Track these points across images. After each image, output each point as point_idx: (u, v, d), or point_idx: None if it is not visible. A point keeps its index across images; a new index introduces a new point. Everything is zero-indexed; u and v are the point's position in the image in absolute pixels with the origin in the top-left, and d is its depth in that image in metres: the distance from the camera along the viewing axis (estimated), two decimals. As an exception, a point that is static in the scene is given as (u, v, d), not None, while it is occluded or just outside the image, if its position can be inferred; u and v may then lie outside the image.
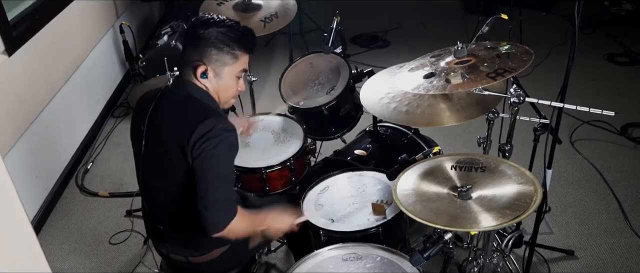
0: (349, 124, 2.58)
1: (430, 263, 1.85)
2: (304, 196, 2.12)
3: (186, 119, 1.64)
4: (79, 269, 2.74)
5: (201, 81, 1.68)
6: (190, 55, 1.67)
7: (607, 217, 2.82)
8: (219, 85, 1.71)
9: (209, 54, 1.65)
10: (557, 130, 1.99)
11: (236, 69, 1.72)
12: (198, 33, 1.65)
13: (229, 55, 1.68)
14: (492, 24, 2.05)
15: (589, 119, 3.56)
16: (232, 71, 1.71)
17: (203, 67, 1.66)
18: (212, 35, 1.64)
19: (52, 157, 3.29)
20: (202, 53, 1.65)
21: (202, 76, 1.67)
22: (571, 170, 3.18)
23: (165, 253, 1.90)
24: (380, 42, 4.97)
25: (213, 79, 1.69)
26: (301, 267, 1.79)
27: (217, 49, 1.65)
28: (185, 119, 1.64)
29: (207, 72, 1.67)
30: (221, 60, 1.67)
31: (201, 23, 1.68)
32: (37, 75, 3.13)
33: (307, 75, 2.63)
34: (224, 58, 1.67)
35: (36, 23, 3.12)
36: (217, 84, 1.71)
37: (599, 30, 4.85)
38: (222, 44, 1.65)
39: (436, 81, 1.76)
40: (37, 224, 2.98)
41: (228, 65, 1.69)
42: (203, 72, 1.66)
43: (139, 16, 4.89)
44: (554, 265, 2.54)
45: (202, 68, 1.66)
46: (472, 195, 1.69)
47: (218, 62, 1.67)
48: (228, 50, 1.67)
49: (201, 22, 1.68)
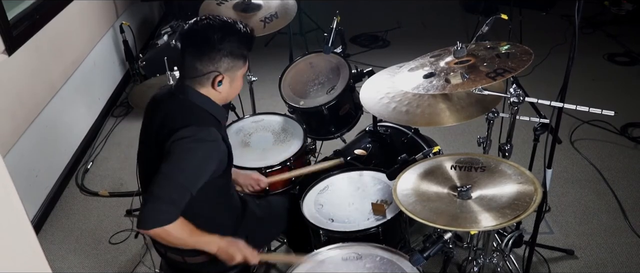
0: (349, 124, 2.58)
1: (430, 263, 1.85)
2: (304, 196, 2.12)
3: (175, 123, 1.63)
4: (79, 269, 2.74)
5: (217, 89, 1.68)
6: (203, 66, 1.65)
7: (607, 217, 2.82)
8: (231, 88, 1.73)
9: (225, 63, 1.66)
10: (557, 130, 1.99)
11: (245, 69, 1.75)
12: (211, 44, 1.62)
13: (241, 60, 1.69)
14: (492, 24, 2.05)
15: (589, 119, 3.56)
16: (242, 72, 1.74)
17: (220, 76, 1.66)
18: (227, 45, 1.63)
19: (52, 157, 3.29)
20: (219, 63, 1.65)
21: (218, 85, 1.67)
22: (571, 170, 3.18)
23: (163, 252, 1.91)
24: (380, 42, 4.97)
25: (227, 85, 1.70)
26: (301, 267, 1.79)
27: (232, 56, 1.65)
28: (175, 123, 1.63)
29: (223, 80, 1.67)
30: (235, 65, 1.68)
31: (208, 31, 1.63)
32: (37, 75, 3.13)
33: (307, 75, 2.63)
34: (238, 63, 1.69)
35: (36, 23, 3.12)
36: (230, 88, 1.72)
37: (599, 30, 4.84)
38: (237, 50, 1.66)
39: (436, 81, 1.76)
40: (37, 224, 2.98)
41: (240, 69, 1.71)
42: (220, 81, 1.67)
43: (139, 16, 4.89)
44: (554, 265, 2.54)
45: (219, 78, 1.66)
46: (472, 195, 1.70)
47: (233, 68, 1.68)
48: (240, 54, 1.68)
49: (208, 29, 1.63)
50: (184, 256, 1.84)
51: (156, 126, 1.69)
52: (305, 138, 2.39)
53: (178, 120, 1.64)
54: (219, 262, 1.85)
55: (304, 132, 2.41)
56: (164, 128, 1.65)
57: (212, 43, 1.62)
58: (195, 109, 1.68)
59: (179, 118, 1.65)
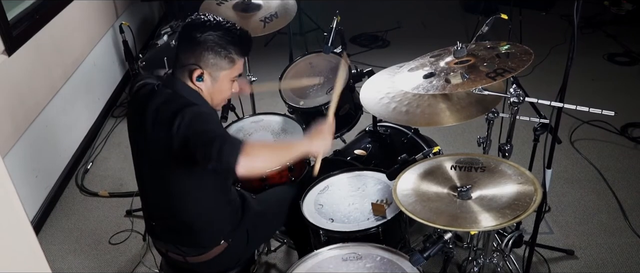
0: (349, 124, 2.58)
1: (430, 263, 1.85)
2: (304, 196, 2.12)
3: (170, 111, 1.60)
4: (79, 269, 2.74)
5: (196, 84, 1.66)
6: (186, 58, 1.64)
7: (607, 217, 2.82)
8: (214, 89, 1.69)
9: (205, 58, 1.63)
10: (557, 130, 1.99)
11: (232, 74, 1.70)
12: (195, 36, 1.62)
13: (226, 59, 1.65)
14: (492, 24, 2.05)
15: (589, 119, 3.56)
16: (228, 75, 1.69)
17: (199, 70, 1.63)
18: (210, 39, 1.61)
19: (52, 157, 3.29)
20: (199, 57, 1.63)
21: (197, 79, 1.65)
22: (571, 170, 3.18)
23: (164, 251, 1.91)
24: (380, 42, 4.97)
25: (209, 83, 1.67)
26: (301, 267, 1.79)
27: (214, 52, 1.63)
28: (168, 115, 1.60)
29: (203, 75, 1.64)
30: (218, 64, 1.65)
31: (198, 25, 1.64)
32: (37, 75, 3.13)
33: (307, 75, 2.63)
34: (221, 62, 1.65)
35: (36, 23, 3.12)
36: (213, 88, 1.69)
37: (599, 30, 4.84)
38: (220, 48, 1.63)
39: (436, 81, 1.76)
40: (37, 224, 2.98)
41: (225, 70, 1.67)
42: (199, 76, 1.64)
43: (139, 16, 4.89)
44: (554, 265, 2.54)
45: (198, 72, 1.63)
46: (472, 195, 1.70)
47: (215, 66, 1.65)
48: (225, 54, 1.64)
49: (198, 24, 1.64)
50: (184, 256, 1.84)
51: (149, 125, 1.67)
52: (305, 139, 2.39)
53: (173, 108, 1.60)
54: (220, 261, 1.86)
55: (304, 132, 2.41)
56: (159, 123, 1.63)
57: (194, 34, 1.62)
58: (183, 99, 1.65)
59: (173, 106, 1.61)
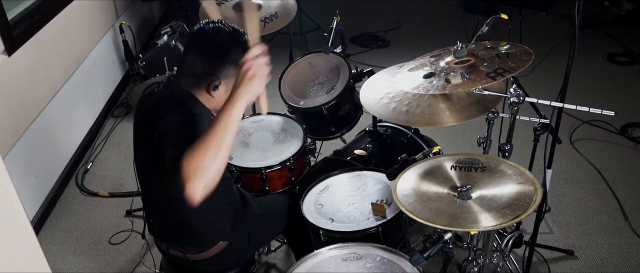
0: (348, 124, 2.58)
1: (430, 263, 1.85)
2: (304, 196, 2.12)
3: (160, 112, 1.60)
4: (79, 269, 2.74)
5: (211, 93, 1.66)
6: (205, 67, 1.63)
7: (607, 217, 2.82)
8: (223, 98, 1.67)
9: (226, 70, 1.64)
10: (557, 130, 1.99)
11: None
12: (221, 49, 1.61)
13: (239, 68, 1.67)
14: (492, 24, 2.05)
15: (589, 119, 3.55)
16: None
17: (217, 81, 1.64)
18: (234, 53, 1.61)
19: (52, 157, 3.29)
20: (221, 68, 1.63)
21: (213, 89, 1.65)
22: (571, 170, 3.18)
23: (164, 249, 1.92)
24: (380, 42, 4.97)
25: (221, 92, 1.66)
26: (301, 267, 1.79)
27: (234, 65, 1.62)
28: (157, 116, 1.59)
29: (219, 86, 1.65)
30: (234, 75, 1.64)
31: (222, 36, 1.62)
32: (37, 75, 3.12)
33: (307, 75, 2.63)
34: (235, 72, 1.66)
35: (36, 23, 3.12)
36: (224, 95, 1.66)
37: (599, 30, 4.84)
38: (239, 60, 1.61)
39: (436, 81, 1.77)
40: (37, 224, 2.98)
41: (234, 79, 1.69)
42: (216, 86, 1.65)
43: (139, 16, 4.89)
44: (554, 265, 2.54)
45: (216, 83, 1.64)
46: (472, 195, 1.70)
47: (232, 77, 1.63)
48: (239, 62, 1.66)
49: (222, 35, 1.63)
50: (185, 253, 1.85)
51: (143, 124, 1.69)
52: (305, 139, 2.39)
53: (162, 111, 1.59)
54: (220, 259, 1.87)
55: (304, 132, 2.41)
56: (149, 123, 1.62)
57: (221, 48, 1.62)
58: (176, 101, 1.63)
59: (166, 108, 1.61)
